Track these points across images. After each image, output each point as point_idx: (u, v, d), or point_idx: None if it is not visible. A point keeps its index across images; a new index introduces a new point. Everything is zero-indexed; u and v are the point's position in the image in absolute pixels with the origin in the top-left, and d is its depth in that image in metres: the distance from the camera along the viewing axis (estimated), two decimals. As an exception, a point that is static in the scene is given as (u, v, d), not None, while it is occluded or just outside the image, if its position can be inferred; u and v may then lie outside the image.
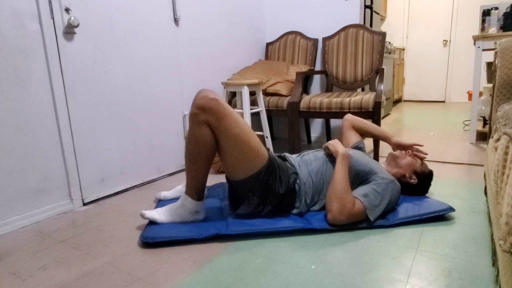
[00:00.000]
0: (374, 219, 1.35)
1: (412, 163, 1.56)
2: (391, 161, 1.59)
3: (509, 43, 1.47)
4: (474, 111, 2.71)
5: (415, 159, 1.57)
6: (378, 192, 1.37)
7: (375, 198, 1.36)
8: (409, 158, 1.57)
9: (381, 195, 1.37)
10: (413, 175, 1.55)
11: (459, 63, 5.67)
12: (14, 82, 1.45)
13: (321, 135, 3.07)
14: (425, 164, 1.60)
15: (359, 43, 2.63)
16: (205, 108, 1.28)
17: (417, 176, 1.55)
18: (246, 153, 1.32)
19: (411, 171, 1.55)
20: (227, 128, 1.29)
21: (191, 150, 1.34)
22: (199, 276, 1.08)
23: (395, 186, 1.43)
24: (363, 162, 1.45)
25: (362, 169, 1.43)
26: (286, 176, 1.42)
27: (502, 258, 0.74)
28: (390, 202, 1.40)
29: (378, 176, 1.41)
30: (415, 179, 1.55)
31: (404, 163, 1.56)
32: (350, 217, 1.32)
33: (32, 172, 1.53)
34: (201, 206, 1.42)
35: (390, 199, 1.39)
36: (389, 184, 1.41)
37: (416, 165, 1.56)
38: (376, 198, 1.36)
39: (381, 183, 1.39)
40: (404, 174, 1.55)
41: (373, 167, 1.45)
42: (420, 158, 1.59)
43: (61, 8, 1.58)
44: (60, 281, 1.08)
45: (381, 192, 1.37)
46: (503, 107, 1.28)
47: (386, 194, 1.38)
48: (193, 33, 2.34)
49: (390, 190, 1.40)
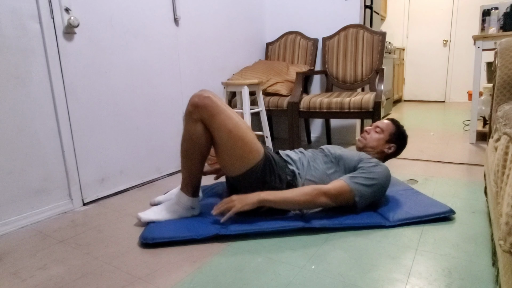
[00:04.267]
0: (363, 200, 1.37)
1: (377, 138, 1.57)
2: (362, 150, 1.59)
3: (509, 43, 1.47)
4: (474, 111, 2.71)
5: (375, 133, 1.58)
6: (366, 172, 1.39)
7: (363, 179, 1.37)
8: (372, 136, 1.58)
9: (370, 175, 1.38)
10: (387, 144, 1.57)
11: (459, 63, 5.67)
12: (14, 82, 1.45)
13: (321, 135, 3.07)
14: (383, 125, 1.59)
15: (359, 43, 2.63)
16: (198, 106, 1.31)
17: (391, 142, 1.57)
18: (241, 148, 1.34)
19: (383, 143, 1.57)
20: (221, 124, 1.32)
21: (186, 148, 1.37)
22: (199, 276, 1.08)
23: (382, 167, 1.42)
24: (348, 154, 1.49)
25: (349, 160, 1.47)
26: (284, 173, 1.43)
27: (502, 258, 0.74)
28: (380, 183, 1.39)
29: (363, 162, 1.44)
30: (392, 145, 1.57)
31: (372, 143, 1.57)
32: (334, 198, 1.35)
33: (32, 172, 1.53)
34: (196, 202, 1.46)
35: (378, 178, 1.39)
36: (375, 166, 1.41)
37: (381, 136, 1.57)
38: (365, 179, 1.37)
39: (367, 166, 1.41)
40: (382, 150, 1.57)
41: (358, 155, 1.48)
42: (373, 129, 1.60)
43: (61, 8, 1.58)
44: (60, 281, 1.08)
45: (369, 173, 1.38)
46: (503, 107, 1.28)
47: (372, 173, 1.39)
48: (193, 33, 2.34)
49: (377, 171, 1.40)
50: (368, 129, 1.62)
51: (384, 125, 1.59)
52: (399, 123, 1.63)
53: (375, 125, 1.61)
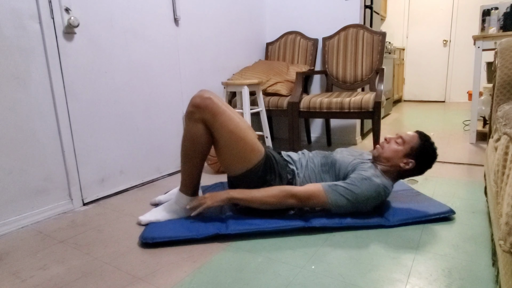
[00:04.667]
0: (336, 206, 1.34)
1: (394, 149, 1.41)
2: (377, 161, 1.45)
3: (509, 43, 1.47)
4: (474, 111, 2.71)
5: (395, 143, 1.42)
6: (350, 184, 1.34)
7: (344, 191, 1.33)
8: (390, 147, 1.42)
9: (354, 188, 1.33)
10: (404, 158, 1.39)
11: (459, 63, 5.67)
12: (14, 82, 1.45)
13: (321, 135, 3.07)
14: (407, 136, 1.42)
15: (359, 43, 2.63)
16: (200, 106, 1.32)
17: (410, 157, 1.39)
18: (242, 148, 1.35)
19: (400, 157, 1.40)
20: (222, 124, 1.32)
21: (187, 148, 1.38)
22: (199, 276, 1.08)
23: (371, 183, 1.33)
24: (343, 160, 1.45)
25: (342, 166, 1.45)
26: (284, 172, 1.44)
27: (502, 258, 0.74)
28: (360, 199, 1.33)
29: (356, 171, 1.39)
30: (411, 161, 1.39)
31: (387, 153, 1.41)
32: (303, 201, 1.34)
33: (32, 172, 1.53)
34: (191, 204, 1.45)
35: (359, 195, 1.32)
36: (364, 180, 1.34)
37: (399, 148, 1.40)
38: (346, 191, 1.33)
39: (354, 178, 1.36)
40: (397, 164, 1.40)
41: (354, 163, 1.43)
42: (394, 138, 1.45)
43: (61, 8, 1.58)
44: (60, 281, 1.08)
45: (353, 185, 1.33)
46: (503, 107, 1.28)
47: (357, 186, 1.33)
48: (193, 33, 2.34)
49: (363, 185, 1.33)
50: (388, 138, 1.45)
51: (407, 137, 1.41)
52: (429, 138, 1.42)
53: (398, 135, 1.44)
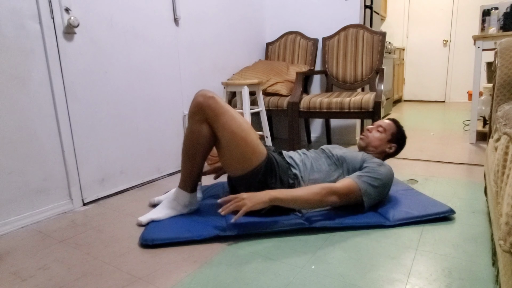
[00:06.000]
0: (370, 199, 1.39)
1: (379, 137, 1.56)
2: (365, 150, 1.58)
3: (509, 43, 1.47)
4: (474, 111, 2.71)
5: (378, 132, 1.57)
6: (372, 172, 1.40)
7: (370, 179, 1.38)
8: (374, 135, 1.57)
9: (376, 175, 1.39)
10: (388, 144, 1.56)
11: (459, 63, 5.67)
12: (14, 82, 1.45)
13: (321, 135, 3.07)
14: (385, 124, 1.58)
15: (359, 43, 2.63)
16: (203, 106, 1.33)
17: (392, 141, 1.57)
18: (243, 149, 1.35)
19: (385, 143, 1.56)
20: (224, 125, 1.33)
21: (188, 146, 1.39)
22: (199, 276, 1.08)
23: (386, 167, 1.44)
24: (351, 155, 1.50)
25: (352, 161, 1.48)
26: (286, 175, 1.43)
27: (502, 258, 0.74)
28: (385, 183, 1.41)
29: (367, 162, 1.45)
30: (393, 145, 1.57)
31: (375, 142, 1.56)
32: (343, 197, 1.35)
33: (32, 172, 1.53)
34: (194, 197, 1.49)
35: (383, 179, 1.40)
36: (380, 166, 1.43)
37: (383, 135, 1.56)
38: (371, 179, 1.38)
39: (372, 166, 1.42)
40: (383, 150, 1.56)
41: (361, 156, 1.49)
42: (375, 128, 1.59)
43: (61, 8, 1.58)
44: (60, 281, 1.08)
45: (375, 172, 1.39)
46: (503, 107, 1.28)
47: (377, 173, 1.40)
48: (193, 33, 2.34)
49: (381, 171, 1.41)
50: (370, 128, 1.61)
51: (386, 125, 1.58)
52: (399, 123, 1.63)
53: (378, 124, 1.60)
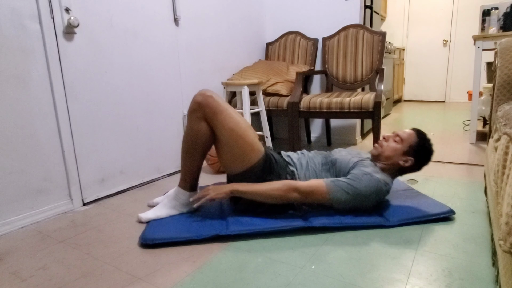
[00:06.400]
0: (339, 203, 1.36)
1: (393, 147, 1.43)
2: (376, 159, 1.48)
3: (509, 43, 1.47)
4: (474, 111, 2.71)
5: (393, 142, 1.45)
6: (352, 180, 1.36)
7: (346, 186, 1.34)
8: (389, 145, 1.45)
9: (355, 183, 1.34)
10: (403, 156, 1.43)
11: (459, 63, 5.67)
12: (14, 82, 1.45)
13: (321, 135, 3.07)
14: (404, 134, 1.45)
15: (359, 43, 2.63)
16: (201, 104, 1.36)
17: (409, 154, 1.42)
18: (241, 146, 1.36)
19: (399, 155, 1.43)
20: (223, 122, 1.35)
21: (187, 144, 1.41)
22: (199, 276, 1.08)
23: (372, 178, 1.35)
24: (343, 159, 1.46)
25: (342, 165, 1.45)
26: (284, 172, 1.44)
27: (502, 258, 0.74)
28: (362, 193, 1.34)
29: (356, 168, 1.40)
30: (410, 159, 1.42)
31: (387, 152, 1.44)
32: (305, 195, 1.34)
33: (32, 172, 1.53)
34: (194, 196, 1.48)
35: (360, 188, 1.34)
36: (365, 175, 1.36)
37: (398, 146, 1.43)
38: (347, 186, 1.34)
39: (355, 173, 1.37)
40: (397, 162, 1.43)
41: (354, 161, 1.44)
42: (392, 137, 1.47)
43: (61, 8, 1.58)
44: (60, 281, 1.08)
45: (355, 181, 1.35)
46: (503, 107, 1.28)
47: (358, 181, 1.34)
48: (193, 33, 2.34)
49: (364, 180, 1.34)
50: (386, 137, 1.48)
51: (405, 135, 1.44)
52: (425, 135, 1.46)
53: (395, 134, 1.46)
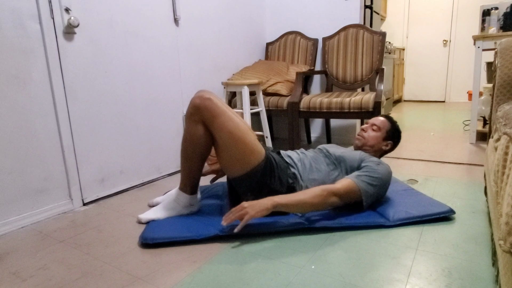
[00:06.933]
0: (369, 198, 1.40)
1: (374, 135, 1.56)
2: (361, 150, 1.58)
3: (509, 43, 1.47)
4: (474, 111, 2.71)
5: (373, 131, 1.57)
6: (370, 171, 1.41)
7: (369, 178, 1.39)
8: (370, 134, 1.57)
9: (374, 174, 1.40)
10: (384, 142, 1.57)
11: (459, 63, 5.67)
12: (14, 82, 1.45)
13: (321, 135, 3.07)
14: (379, 122, 1.58)
15: (359, 43, 2.63)
16: (199, 107, 1.33)
17: (387, 139, 1.57)
18: (241, 150, 1.35)
19: (380, 141, 1.56)
20: (222, 125, 1.33)
21: (186, 148, 1.39)
22: (199, 276, 1.08)
23: (383, 166, 1.45)
24: (349, 154, 1.50)
25: (351, 160, 1.48)
26: (285, 175, 1.43)
27: (502, 258, 0.74)
28: (383, 181, 1.42)
29: (366, 161, 1.46)
30: (389, 142, 1.58)
31: (371, 141, 1.56)
32: (343, 197, 1.36)
33: (32, 172, 1.53)
34: (195, 199, 1.48)
35: (382, 178, 1.41)
36: (378, 165, 1.44)
37: (378, 133, 1.56)
38: (370, 178, 1.39)
39: (370, 165, 1.43)
40: (380, 148, 1.57)
41: (359, 156, 1.49)
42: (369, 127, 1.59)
43: (61, 8, 1.58)
44: (60, 281, 1.08)
45: (373, 172, 1.41)
46: (503, 107, 1.28)
47: (376, 172, 1.41)
48: (193, 33, 2.34)
49: (380, 170, 1.42)
50: (364, 127, 1.60)
51: (380, 123, 1.58)
52: (393, 119, 1.63)
53: (371, 123, 1.60)
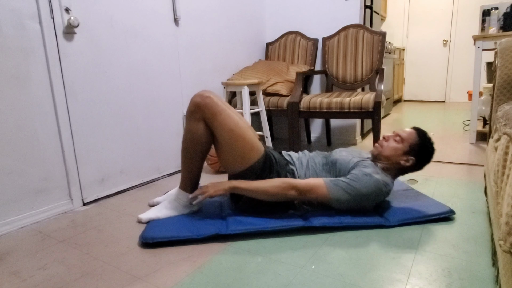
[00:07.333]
0: (339, 203, 1.34)
1: (393, 147, 1.41)
2: (377, 159, 1.45)
3: (509, 43, 1.47)
4: (474, 111, 2.71)
5: (394, 142, 1.42)
6: (352, 180, 1.34)
7: (346, 185, 1.33)
8: (389, 145, 1.42)
9: (354, 183, 1.33)
10: (404, 156, 1.40)
11: (459, 63, 5.67)
12: (14, 82, 1.45)
13: (321, 135, 3.07)
14: (405, 134, 1.42)
15: (359, 43, 2.63)
16: (200, 105, 1.35)
17: (410, 154, 1.40)
18: (241, 146, 1.36)
19: (400, 154, 1.40)
20: (222, 123, 1.35)
21: (187, 146, 1.41)
22: (199, 276, 1.08)
23: (372, 179, 1.33)
24: (344, 159, 1.44)
25: (343, 165, 1.43)
26: (284, 171, 1.44)
27: (502, 258, 0.74)
28: (362, 193, 1.33)
29: (356, 169, 1.38)
30: (411, 158, 1.40)
31: (387, 152, 1.42)
32: (303, 193, 1.33)
33: (32, 172, 1.53)
34: (193, 193, 1.47)
35: (361, 189, 1.32)
36: (366, 176, 1.33)
37: (399, 146, 1.41)
38: (347, 186, 1.33)
39: (356, 174, 1.35)
40: (397, 162, 1.41)
41: (354, 162, 1.41)
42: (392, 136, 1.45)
43: (61, 8, 1.58)
44: (60, 281, 1.08)
45: (354, 181, 1.33)
46: (503, 107, 1.28)
47: (358, 182, 1.33)
48: (193, 33, 2.34)
49: (364, 181, 1.32)
50: (387, 136, 1.46)
51: (405, 135, 1.42)
52: (426, 134, 1.44)
53: (396, 133, 1.44)
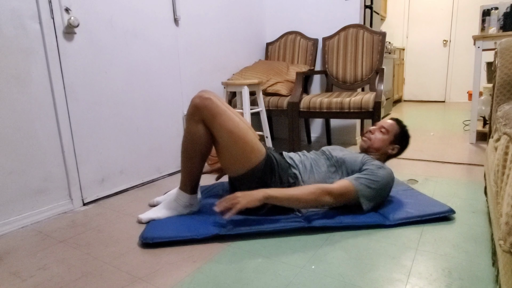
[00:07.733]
0: (368, 201, 1.37)
1: (381, 138, 1.54)
2: (367, 152, 1.56)
3: (509, 43, 1.47)
4: (474, 111, 2.71)
5: (380, 133, 1.55)
6: (370, 174, 1.38)
7: (368, 181, 1.37)
8: (377, 137, 1.54)
9: (374, 177, 1.37)
10: (391, 145, 1.55)
11: (459, 63, 5.67)
12: (14, 82, 1.45)
13: (321, 135, 3.07)
14: (388, 125, 1.56)
15: (359, 43, 2.63)
16: (199, 107, 1.34)
17: (395, 143, 1.55)
18: (242, 148, 1.35)
19: (387, 144, 1.54)
20: (222, 125, 1.33)
21: (187, 147, 1.40)
22: (199, 276, 1.08)
23: (385, 170, 1.42)
24: (351, 157, 1.48)
25: (352, 163, 1.46)
26: (286, 174, 1.43)
27: (502, 258, 0.74)
28: (383, 185, 1.39)
29: (367, 164, 1.43)
30: (396, 146, 1.55)
31: (377, 144, 1.54)
32: (337, 197, 1.34)
33: (32, 172, 1.53)
34: (195, 199, 1.48)
35: (382, 181, 1.39)
36: (380, 168, 1.41)
37: (385, 137, 1.54)
38: (369, 181, 1.37)
39: (371, 169, 1.40)
40: (386, 151, 1.55)
41: (361, 158, 1.47)
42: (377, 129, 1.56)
43: (61, 8, 1.58)
44: (60, 281, 1.08)
45: (373, 175, 1.38)
46: (503, 107, 1.28)
47: (376, 176, 1.38)
48: (193, 33, 2.34)
49: (381, 173, 1.39)
50: (372, 129, 1.58)
51: (388, 126, 1.56)
52: (403, 123, 1.60)
53: (380, 125, 1.57)
